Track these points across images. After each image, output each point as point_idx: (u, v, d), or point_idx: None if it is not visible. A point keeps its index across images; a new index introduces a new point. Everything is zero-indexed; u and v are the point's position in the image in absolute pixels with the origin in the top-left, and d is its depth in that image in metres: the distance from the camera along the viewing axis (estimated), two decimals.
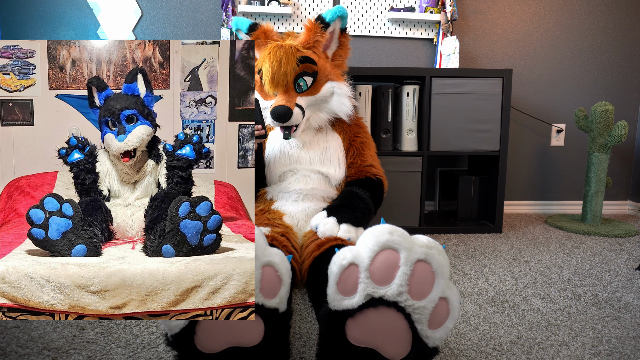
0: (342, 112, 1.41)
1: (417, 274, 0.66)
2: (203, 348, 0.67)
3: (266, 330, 0.68)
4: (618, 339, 0.97)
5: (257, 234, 0.69)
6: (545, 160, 2.37)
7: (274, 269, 0.68)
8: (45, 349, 0.89)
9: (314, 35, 1.40)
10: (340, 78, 1.44)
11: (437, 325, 0.68)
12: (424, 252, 0.66)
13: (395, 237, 0.67)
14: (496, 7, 2.24)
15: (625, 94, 2.36)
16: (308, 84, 1.36)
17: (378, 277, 0.67)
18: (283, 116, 1.30)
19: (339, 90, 1.41)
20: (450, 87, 1.85)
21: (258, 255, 0.67)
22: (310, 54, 1.37)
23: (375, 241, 0.67)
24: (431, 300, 0.67)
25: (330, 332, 0.70)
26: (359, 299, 0.68)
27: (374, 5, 2.16)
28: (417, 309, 0.66)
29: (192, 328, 0.66)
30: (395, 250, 0.67)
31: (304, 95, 1.36)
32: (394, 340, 0.68)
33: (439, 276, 0.67)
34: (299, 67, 1.33)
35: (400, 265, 0.66)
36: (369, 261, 0.67)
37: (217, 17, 2.12)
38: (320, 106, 1.40)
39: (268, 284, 0.67)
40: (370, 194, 1.36)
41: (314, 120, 1.41)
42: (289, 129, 1.35)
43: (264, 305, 0.67)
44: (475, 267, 1.46)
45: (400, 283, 0.66)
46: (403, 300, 0.66)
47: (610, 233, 1.88)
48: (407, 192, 1.88)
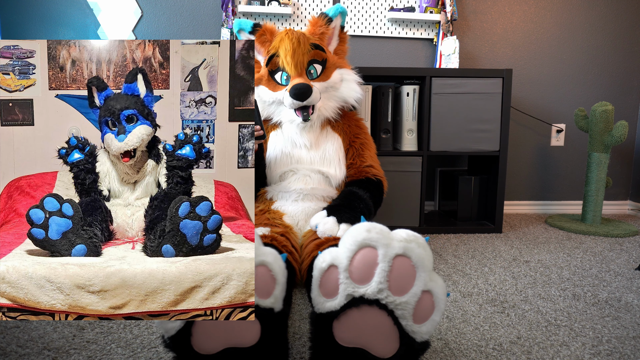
0: (351, 97, 1.45)
1: (396, 270, 0.66)
2: (200, 349, 0.67)
3: (263, 330, 0.67)
4: (618, 339, 0.97)
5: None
6: (545, 160, 2.37)
7: (268, 269, 0.67)
8: (45, 349, 0.89)
9: (319, 28, 1.46)
10: (347, 65, 1.49)
11: (423, 319, 0.68)
12: (403, 247, 0.66)
13: (373, 235, 0.66)
14: (496, 7, 2.24)
15: (625, 94, 2.36)
16: (318, 71, 1.41)
17: (357, 276, 0.66)
18: (305, 92, 1.32)
19: (347, 77, 1.45)
20: (450, 87, 1.85)
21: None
22: (319, 42, 1.42)
23: (352, 240, 0.67)
24: (413, 295, 0.66)
25: (319, 335, 0.70)
26: (341, 300, 0.67)
27: (374, 5, 2.16)
28: (399, 305, 0.66)
29: (188, 329, 0.66)
30: (373, 248, 0.66)
31: (315, 81, 1.40)
32: (381, 338, 0.68)
33: (419, 270, 0.66)
34: (311, 52, 1.38)
35: (378, 262, 0.66)
36: (347, 261, 0.67)
37: (217, 17, 2.12)
38: (330, 94, 1.43)
39: (262, 284, 0.67)
40: (370, 194, 1.36)
41: (324, 109, 1.43)
42: (307, 110, 1.36)
43: (259, 305, 0.67)
44: (475, 267, 1.46)
45: (380, 280, 0.65)
46: (384, 297, 0.66)
47: (610, 233, 1.88)
48: (407, 192, 1.88)
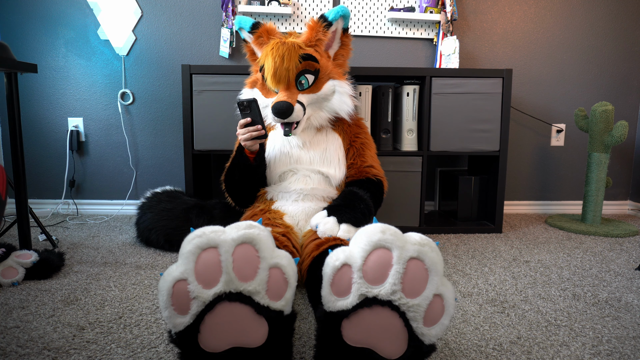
0: (343, 110, 1.41)
1: (410, 272, 0.66)
2: (207, 347, 0.67)
3: (270, 332, 0.68)
4: (618, 339, 0.97)
5: (266, 235, 0.68)
6: (545, 160, 2.37)
7: (281, 271, 0.68)
8: (45, 349, 0.89)
9: (316, 33, 1.41)
10: (342, 77, 1.44)
11: (433, 322, 0.68)
12: (417, 250, 0.66)
13: (388, 236, 0.66)
14: (496, 7, 2.24)
15: (625, 94, 2.36)
16: (309, 81, 1.36)
17: (371, 276, 0.67)
18: (284, 112, 1.29)
19: (340, 89, 1.40)
20: (450, 87, 1.85)
21: (265, 257, 0.67)
22: (312, 52, 1.37)
23: (367, 240, 0.67)
24: (425, 298, 0.66)
25: (327, 334, 0.70)
26: (353, 299, 0.67)
27: (374, 5, 2.16)
28: (411, 307, 0.66)
29: (197, 326, 0.66)
30: (388, 249, 0.66)
31: (305, 92, 1.36)
32: (390, 339, 0.68)
33: (432, 273, 0.66)
34: (301, 64, 1.33)
35: (393, 263, 0.66)
36: (361, 261, 0.67)
37: (217, 17, 2.12)
38: (321, 104, 1.40)
39: (275, 286, 0.67)
40: (370, 194, 1.35)
41: (314, 119, 1.41)
42: (289, 126, 1.34)
43: (270, 307, 0.67)
44: (475, 267, 1.46)
45: (394, 282, 0.65)
46: (397, 298, 0.66)
47: (610, 233, 1.88)
48: (407, 192, 1.88)
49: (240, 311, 0.67)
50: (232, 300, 0.66)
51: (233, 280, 0.66)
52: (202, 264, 0.66)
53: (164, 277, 0.67)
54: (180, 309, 0.66)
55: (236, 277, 0.66)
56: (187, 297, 0.66)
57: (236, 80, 1.76)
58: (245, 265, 0.66)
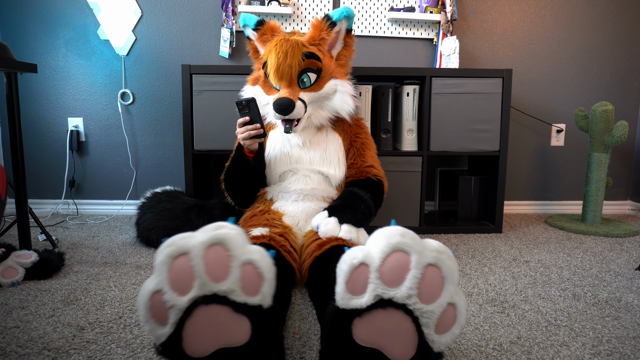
0: (343, 110, 1.41)
1: (427, 278, 0.66)
2: (193, 353, 0.66)
3: (253, 328, 0.67)
4: (618, 339, 0.97)
5: (235, 233, 0.68)
6: (545, 160, 2.37)
7: (254, 266, 0.67)
8: (45, 349, 0.89)
9: (320, 33, 1.41)
10: (344, 77, 1.44)
11: (444, 330, 0.68)
12: (435, 257, 0.66)
13: (407, 240, 0.66)
14: (496, 7, 2.24)
15: (625, 94, 2.36)
16: (312, 80, 1.37)
17: (388, 278, 0.66)
18: (286, 108, 1.30)
19: (341, 88, 1.41)
20: (450, 87, 1.85)
21: (236, 255, 0.66)
22: (315, 51, 1.37)
23: (386, 242, 0.67)
24: (439, 305, 0.66)
25: (336, 330, 0.69)
26: (368, 299, 0.67)
27: (374, 5, 2.16)
28: (425, 313, 0.66)
29: (178, 334, 0.66)
30: (407, 253, 0.66)
31: (307, 91, 1.37)
32: (400, 343, 0.68)
33: (448, 281, 0.67)
34: (304, 62, 1.34)
35: (411, 268, 0.66)
36: (379, 262, 0.67)
37: (217, 17, 2.12)
38: (322, 103, 1.40)
39: (249, 282, 0.67)
40: (370, 194, 1.35)
41: (315, 117, 1.41)
42: (290, 123, 1.35)
43: (247, 303, 0.67)
44: (475, 267, 1.46)
45: (410, 286, 0.65)
46: (412, 303, 0.66)
47: (610, 233, 1.88)
48: (407, 192, 1.88)
49: (219, 312, 0.66)
50: (208, 302, 0.66)
51: (206, 282, 0.65)
52: (175, 272, 0.65)
53: (140, 291, 0.67)
54: (159, 320, 0.66)
55: (209, 279, 0.65)
56: (164, 308, 0.65)
57: (236, 80, 1.76)
58: (216, 266, 0.66)
